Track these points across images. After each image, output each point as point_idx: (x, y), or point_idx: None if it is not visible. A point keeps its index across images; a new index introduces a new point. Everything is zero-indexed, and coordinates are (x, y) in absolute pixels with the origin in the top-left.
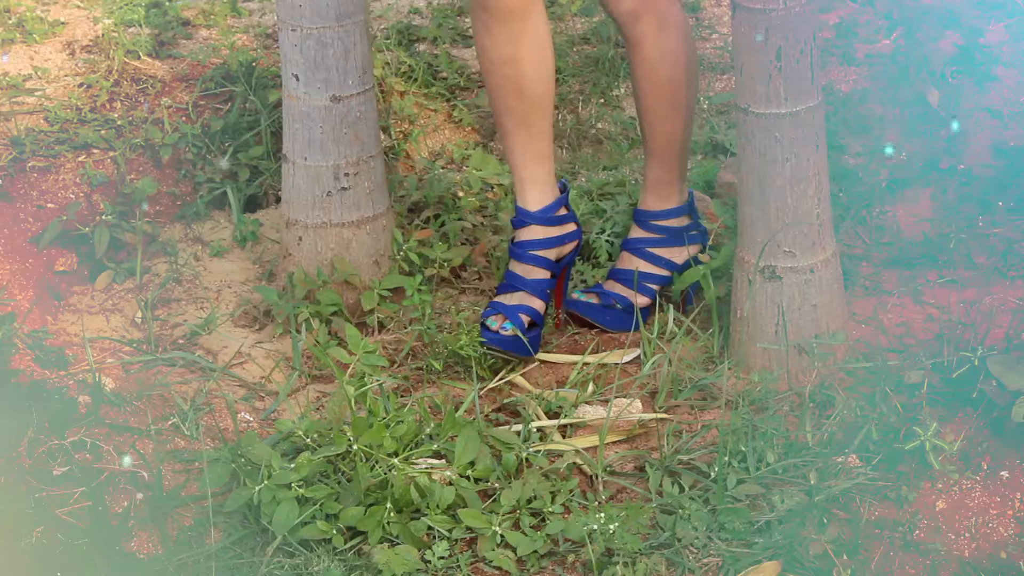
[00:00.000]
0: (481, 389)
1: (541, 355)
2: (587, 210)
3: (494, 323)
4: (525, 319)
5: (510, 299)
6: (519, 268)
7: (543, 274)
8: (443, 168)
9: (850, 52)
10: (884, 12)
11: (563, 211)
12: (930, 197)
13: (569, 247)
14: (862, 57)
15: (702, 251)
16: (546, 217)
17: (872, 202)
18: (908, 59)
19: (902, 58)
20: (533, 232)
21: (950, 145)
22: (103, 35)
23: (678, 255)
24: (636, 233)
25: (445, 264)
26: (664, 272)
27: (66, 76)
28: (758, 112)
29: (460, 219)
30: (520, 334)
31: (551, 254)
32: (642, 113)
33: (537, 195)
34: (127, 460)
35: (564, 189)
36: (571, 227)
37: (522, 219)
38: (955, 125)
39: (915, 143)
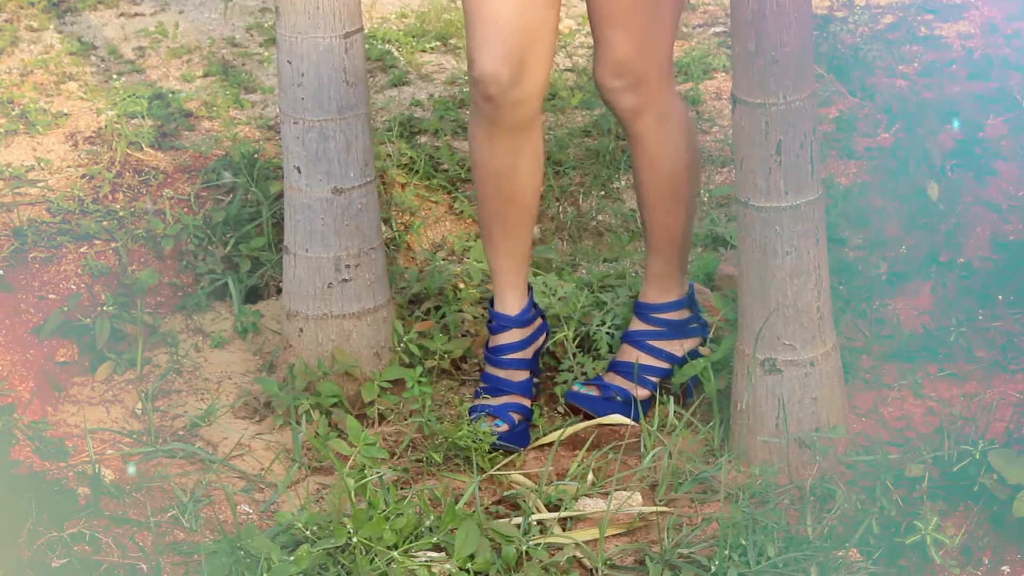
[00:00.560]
0: (481, 480)
1: (543, 440)
2: (587, 302)
3: (484, 424)
4: (516, 417)
5: (497, 401)
6: (502, 373)
7: (525, 375)
8: (444, 260)
9: (850, 145)
10: (884, 106)
11: (533, 310)
12: (930, 290)
13: (541, 340)
14: (862, 150)
15: (702, 344)
16: (523, 319)
17: (872, 295)
18: (908, 153)
19: (902, 152)
20: (512, 335)
21: (950, 238)
22: (106, 126)
23: (679, 348)
24: (637, 326)
25: (446, 356)
26: (665, 365)
27: (69, 167)
28: (758, 206)
29: (460, 311)
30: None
31: (528, 353)
32: (643, 206)
33: (517, 300)
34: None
35: (529, 287)
36: (539, 322)
37: (502, 324)
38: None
39: (915, 236)
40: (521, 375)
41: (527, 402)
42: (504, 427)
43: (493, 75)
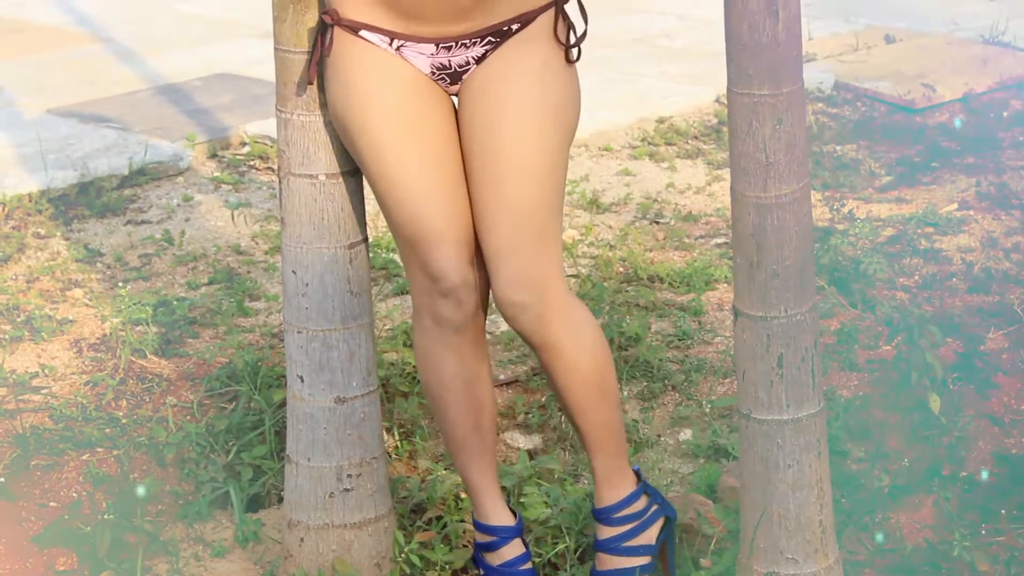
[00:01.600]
0: None
1: None
2: (589, 513)
3: None
4: None
5: None
6: None
7: None
8: (445, 470)
9: (851, 358)
10: (884, 318)
11: None
12: (932, 504)
13: None
14: (863, 363)
15: (670, 518)
16: (522, 527)
17: (874, 508)
18: (909, 365)
19: (903, 364)
20: (517, 545)
21: (952, 452)
22: (110, 333)
23: (650, 536)
24: (605, 533)
25: (447, 567)
26: (645, 559)
27: (73, 374)
28: (760, 418)
29: (462, 521)
30: None
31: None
32: (575, 412)
33: (507, 508)
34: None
35: None
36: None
37: (506, 537)
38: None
39: (917, 449)
40: None
41: None
42: None
43: (464, 282)
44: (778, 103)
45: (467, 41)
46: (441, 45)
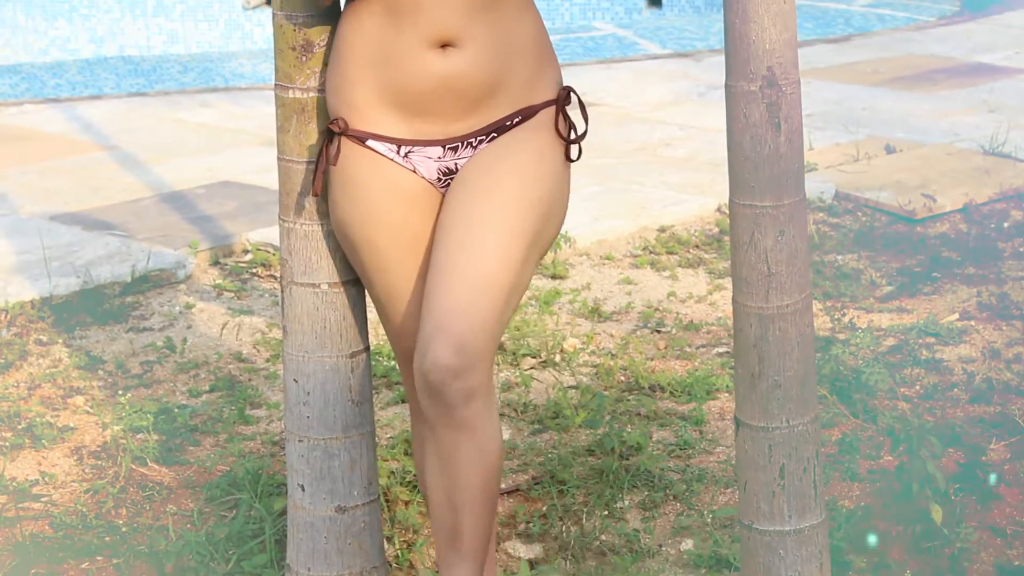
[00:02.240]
0: None
1: None
2: None
3: None
4: None
5: None
6: None
7: None
8: None
9: (853, 468)
10: (886, 428)
11: None
12: None
13: None
14: (865, 473)
15: None
16: None
17: None
18: (911, 476)
19: (905, 475)
20: None
21: (954, 563)
22: (111, 441)
23: None
24: None
25: None
26: None
27: (73, 482)
28: (761, 529)
29: None
30: None
31: None
32: (463, 508)
33: None
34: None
35: None
36: None
37: None
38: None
39: (919, 560)
40: None
41: None
42: None
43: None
44: (780, 215)
45: (472, 140)
46: (448, 147)
